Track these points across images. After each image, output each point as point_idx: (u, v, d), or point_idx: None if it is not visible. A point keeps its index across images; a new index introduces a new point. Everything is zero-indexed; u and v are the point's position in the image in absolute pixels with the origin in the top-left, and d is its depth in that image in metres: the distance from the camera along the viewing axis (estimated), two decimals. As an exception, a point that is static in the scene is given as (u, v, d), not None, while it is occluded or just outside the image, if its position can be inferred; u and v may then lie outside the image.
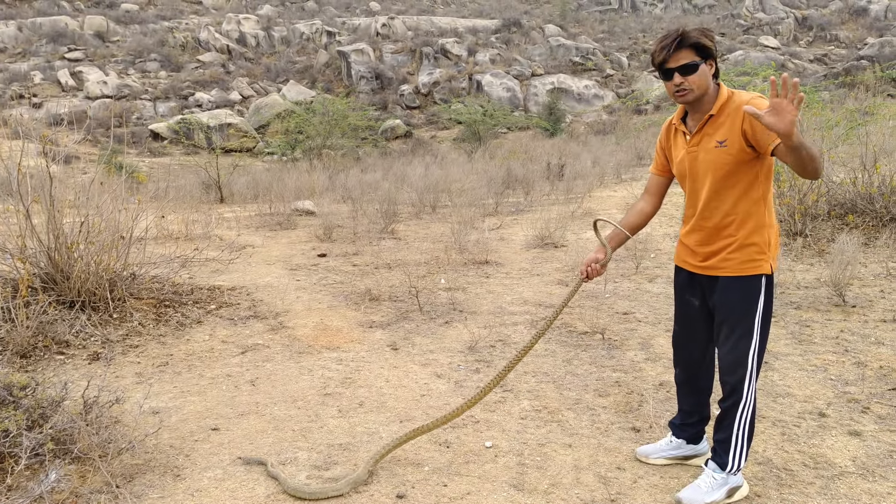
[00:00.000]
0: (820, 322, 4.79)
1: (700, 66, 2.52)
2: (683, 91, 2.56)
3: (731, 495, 2.75)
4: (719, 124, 2.57)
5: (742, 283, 2.63)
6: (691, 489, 2.75)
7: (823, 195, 7.06)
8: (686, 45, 2.51)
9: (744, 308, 2.64)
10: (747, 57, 31.09)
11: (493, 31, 37.85)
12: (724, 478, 2.73)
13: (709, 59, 2.55)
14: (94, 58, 33.07)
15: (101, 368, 4.04)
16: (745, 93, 2.58)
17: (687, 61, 2.52)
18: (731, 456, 2.72)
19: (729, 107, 2.55)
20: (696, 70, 2.52)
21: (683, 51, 2.51)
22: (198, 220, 8.47)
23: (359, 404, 3.75)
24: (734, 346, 2.67)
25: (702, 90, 2.56)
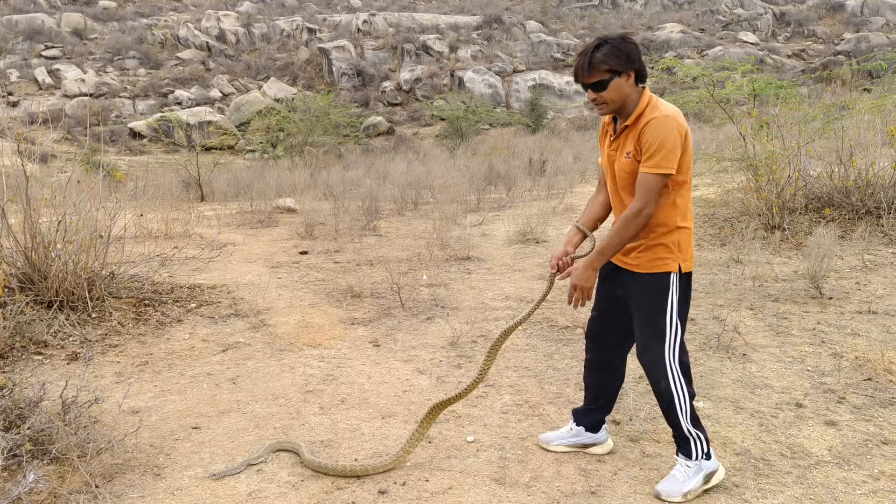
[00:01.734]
0: (797, 314, 4.85)
1: (612, 81, 2.58)
2: (599, 104, 2.65)
3: (709, 480, 2.79)
4: (630, 136, 2.65)
5: (651, 279, 2.70)
6: (668, 481, 2.79)
7: (801, 189, 7.14)
8: (597, 63, 2.57)
9: (653, 305, 2.71)
10: (726, 52, 31.33)
11: (474, 27, 37.85)
12: (696, 465, 2.77)
13: (624, 72, 2.59)
14: (71, 55, 32.67)
15: (80, 368, 4.01)
16: (662, 105, 2.61)
17: (598, 78, 2.58)
18: (693, 447, 2.77)
19: (642, 119, 2.61)
20: (607, 86, 2.58)
21: (596, 67, 2.58)
22: (178, 218, 8.40)
23: (340, 401, 3.74)
24: (647, 344, 2.75)
25: (617, 103, 2.63)
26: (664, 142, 2.52)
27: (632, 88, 2.62)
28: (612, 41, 2.58)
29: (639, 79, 2.63)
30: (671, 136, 2.52)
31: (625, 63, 2.57)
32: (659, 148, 2.52)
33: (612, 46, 2.57)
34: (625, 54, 2.57)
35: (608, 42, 2.58)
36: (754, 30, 37.35)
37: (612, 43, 2.58)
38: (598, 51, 2.57)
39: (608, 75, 2.57)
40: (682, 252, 2.70)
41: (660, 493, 2.75)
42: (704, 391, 3.71)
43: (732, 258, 6.34)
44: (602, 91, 2.60)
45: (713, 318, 4.83)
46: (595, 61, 2.56)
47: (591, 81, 2.59)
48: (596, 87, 2.60)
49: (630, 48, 2.58)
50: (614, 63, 2.56)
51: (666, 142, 2.52)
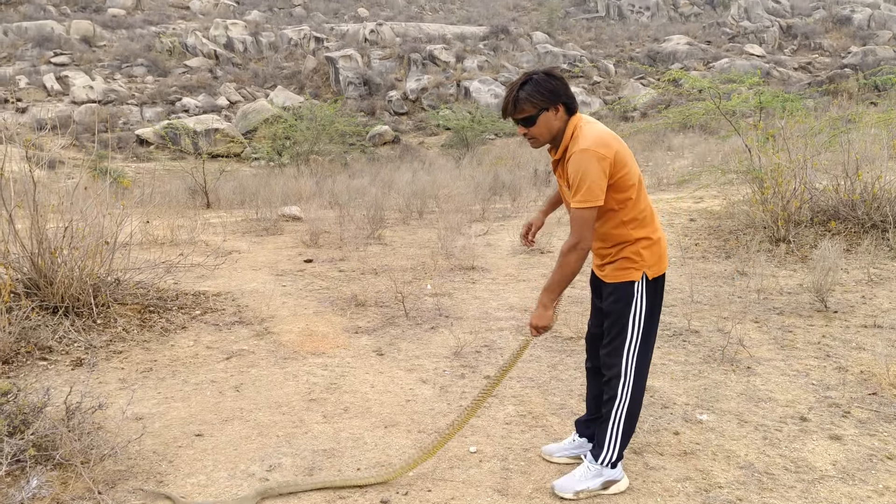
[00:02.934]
0: (802, 327, 4.83)
1: (539, 116, 2.65)
2: (529, 139, 2.75)
3: (608, 487, 2.87)
4: (566, 167, 2.71)
5: (617, 287, 2.80)
6: (567, 477, 2.90)
7: (806, 202, 7.13)
8: (523, 100, 2.65)
9: (618, 310, 2.80)
10: (732, 65, 31.33)
11: (481, 37, 37.94)
12: (598, 469, 2.86)
13: (551, 107, 2.65)
14: (80, 62, 32.85)
15: (84, 374, 4.02)
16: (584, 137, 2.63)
17: (525, 115, 2.67)
18: (605, 449, 2.86)
19: (570, 149, 2.67)
20: (535, 121, 2.67)
21: (522, 104, 2.65)
22: (183, 225, 8.44)
23: (344, 410, 3.74)
24: (609, 343, 2.85)
25: (546, 137, 2.72)
26: (584, 176, 2.58)
27: (561, 121, 2.70)
28: (536, 78, 2.65)
29: (568, 111, 2.70)
30: (590, 169, 2.57)
31: (550, 99, 2.64)
32: (580, 183, 2.59)
33: (536, 83, 2.64)
34: (548, 90, 2.64)
35: (533, 79, 2.65)
36: (761, 42, 37.36)
37: (536, 79, 2.65)
38: (524, 88, 2.65)
39: (535, 111, 2.65)
40: (646, 260, 2.77)
41: (554, 487, 2.87)
42: (709, 404, 3.70)
43: (737, 270, 6.33)
44: (531, 126, 2.68)
45: (718, 330, 4.82)
46: (521, 99, 2.65)
47: (519, 118, 2.68)
48: (524, 123, 2.69)
49: (554, 84, 2.66)
50: (539, 100, 2.64)
51: (586, 176, 2.57)
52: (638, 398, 2.84)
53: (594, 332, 3.06)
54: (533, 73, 2.68)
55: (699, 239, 7.69)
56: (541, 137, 2.71)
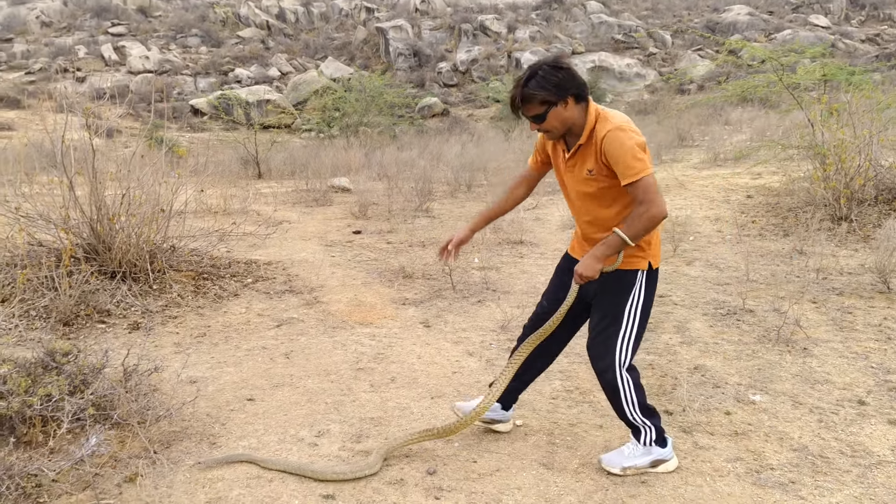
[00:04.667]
0: (862, 309, 4.67)
1: (549, 112, 2.56)
2: (545, 132, 2.67)
3: (656, 466, 2.83)
4: (588, 153, 2.63)
5: (619, 275, 2.71)
6: (614, 452, 2.87)
7: (871, 179, 6.86)
8: (529, 97, 2.55)
9: (616, 298, 2.73)
10: (796, 36, 30.17)
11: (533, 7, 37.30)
12: (645, 449, 2.82)
13: (560, 100, 2.55)
14: (136, 33, 33.48)
15: (141, 338, 4.13)
16: (610, 119, 2.56)
17: (534, 113, 2.58)
18: (642, 435, 2.81)
19: (595, 135, 2.58)
20: (545, 118, 2.58)
21: (529, 103, 2.57)
22: (236, 195, 8.57)
23: (391, 380, 3.77)
24: (600, 333, 2.76)
25: (560, 129, 2.62)
26: (629, 149, 2.49)
27: (573, 111, 2.59)
28: (541, 72, 2.54)
29: (579, 100, 2.59)
30: (629, 142, 2.49)
31: (557, 93, 2.54)
32: (628, 157, 2.49)
33: (541, 79, 2.54)
34: (554, 84, 2.54)
35: (538, 73, 2.55)
36: (826, 13, 35.86)
37: (541, 74, 2.54)
38: (528, 85, 2.55)
39: (543, 107, 2.56)
40: (652, 248, 2.72)
41: (602, 461, 2.85)
42: (762, 384, 3.61)
43: (796, 249, 6.14)
44: (542, 122, 2.60)
45: (773, 310, 4.69)
46: (526, 95, 2.56)
47: (528, 115, 2.60)
48: (534, 120, 2.61)
49: (560, 76, 2.54)
50: (545, 95, 2.54)
51: (630, 149, 2.49)
52: (637, 380, 2.77)
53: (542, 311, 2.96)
54: (538, 66, 2.57)
55: (756, 216, 7.48)
56: (555, 131, 2.63)
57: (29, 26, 34.10)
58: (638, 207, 2.50)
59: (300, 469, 2.79)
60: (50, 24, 34.51)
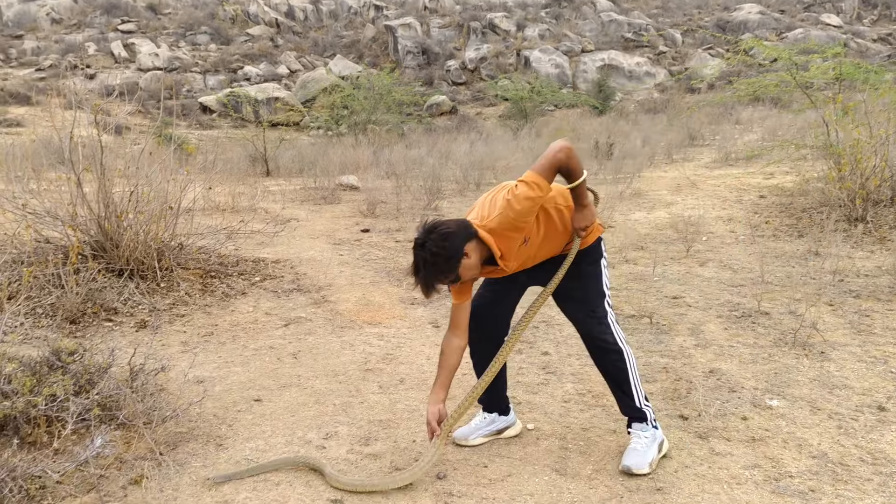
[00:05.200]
0: (880, 312, 4.58)
1: (455, 275, 2.56)
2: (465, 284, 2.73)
3: (661, 449, 2.86)
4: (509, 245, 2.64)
5: (588, 250, 2.84)
6: (631, 454, 2.81)
7: (887, 180, 6.75)
8: (434, 280, 2.56)
9: (594, 270, 2.86)
10: (807, 35, 29.95)
11: (542, 5, 37.15)
12: (652, 433, 2.84)
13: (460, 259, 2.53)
14: (146, 30, 33.53)
15: (148, 336, 4.09)
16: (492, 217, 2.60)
17: (447, 283, 2.61)
18: (644, 412, 2.85)
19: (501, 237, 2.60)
20: (458, 280, 2.61)
21: (436, 282, 2.57)
22: (244, 192, 8.54)
23: (399, 381, 3.72)
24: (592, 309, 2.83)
25: (478, 267, 2.64)
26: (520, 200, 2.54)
27: (475, 252, 2.59)
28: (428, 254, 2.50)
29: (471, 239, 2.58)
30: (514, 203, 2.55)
31: (453, 262, 2.53)
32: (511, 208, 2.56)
33: (431, 269, 2.52)
34: (446, 259, 2.51)
35: (426, 266, 2.52)
36: (838, 12, 35.59)
37: (430, 264, 2.51)
38: (425, 268, 2.52)
39: (451, 276, 2.56)
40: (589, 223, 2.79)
41: (630, 468, 2.76)
42: (779, 389, 3.54)
43: (811, 250, 6.05)
44: (457, 282, 2.64)
45: (789, 312, 4.61)
46: (429, 281, 2.55)
47: (442, 287, 2.63)
48: (453, 283, 2.64)
49: (445, 246, 2.50)
50: (445, 269, 2.53)
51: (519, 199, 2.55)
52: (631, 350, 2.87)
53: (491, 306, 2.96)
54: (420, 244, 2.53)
55: (770, 216, 7.39)
56: (472, 279, 2.70)
57: (39, 23, 34.22)
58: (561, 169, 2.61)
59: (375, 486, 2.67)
60: (60, 20, 34.61)
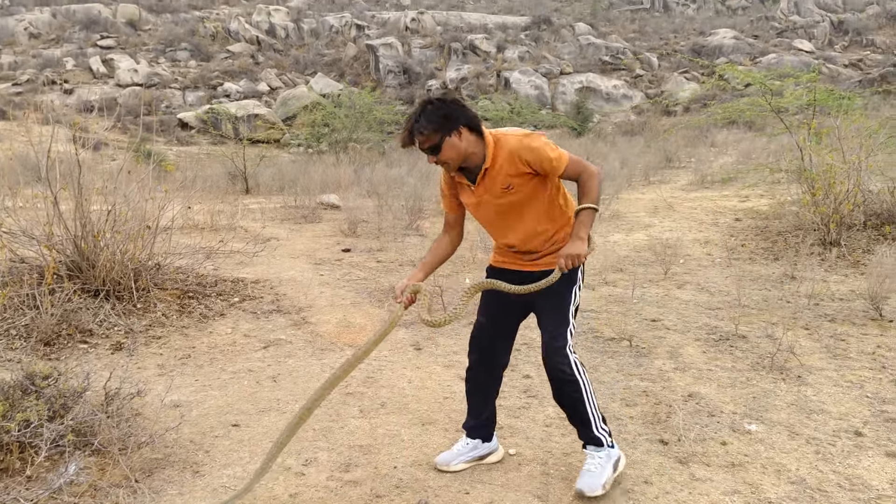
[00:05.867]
0: (855, 336, 4.65)
1: (443, 143, 2.63)
2: (442, 163, 2.73)
3: (616, 467, 2.87)
4: (496, 173, 2.71)
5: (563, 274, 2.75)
6: (585, 476, 2.81)
7: (860, 204, 6.88)
8: (422, 132, 2.62)
9: (562, 295, 2.81)
10: (781, 60, 30.57)
11: (522, 27, 37.59)
12: (606, 453, 2.85)
13: (451, 132, 2.63)
14: (125, 46, 33.37)
15: (124, 359, 4.03)
16: (511, 135, 2.72)
17: (429, 145, 2.65)
18: (599, 432, 2.84)
19: (499, 155, 2.69)
20: (440, 149, 2.65)
21: (422, 136, 2.63)
22: (223, 210, 8.48)
23: (380, 405, 3.69)
24: (553, 334, 2.79)
25: (459, 158, 2.69)
26: (542, 148, 2.66)
27: (467, 142, 2.67)
28: (430, 107, 2.64)
29: (473, 130, 2.68)
30: (537, 143, 2.67)
31: (448, 125, 2.62)
32: (546, 153, 2.66)
33: (430, 113, 2.63)
34: (442, 117, 2.63)
35: (427, 109, 2.64)
36: (810, 38, 36.39)
37: (430, 109, 2.64)
38: (419, 120, 2.63)
39: (437, 139, 2.63)
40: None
41: (583, 491, 2.77)
42: (757, 413, 3.56)
43: (786, 274, 6.13)
44: (438, 154, 2.67)
45: (766, 336, 4.66)
46: (418, 130, 2.63)
47: (423, 148, 2.67)
48: (430, 152, 2.67)
49: (448, 109, 2.65)
50: (436, 126, 2.61)
51: (543, 147, 2.67)
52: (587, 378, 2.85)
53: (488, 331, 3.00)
54: (427, 101, 2.68)
55: (746, 239, 7.49)
56: (452, 162, 2.69)
57: (17, 37, 33.94)
58: (581, 177, 2.71)
59: None
60: (38, 35, 34.35)
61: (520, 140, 2.68)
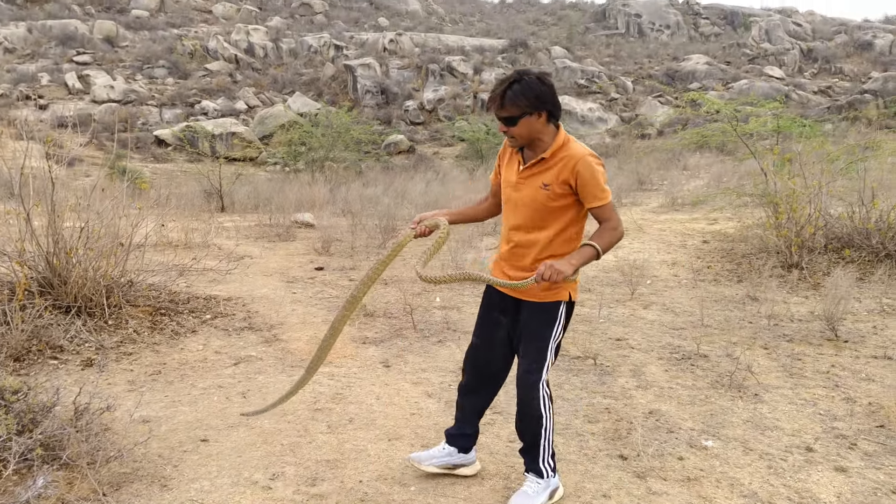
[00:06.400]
0: (812, 356, 4.81)
1: (521, 119, 2.66)
2: (509, 137, 2.75)
3: (553, 496, 2.94)
4: (548, 167, 2.74)
5: (543, 307, 2.82)
6: (520, 496, 2.90)
7: (821, 228, 7.10)
8: (510, 100, 2.63)
9: (543, 331, 2.83)
10: (752, 86, 31.26)
11: (499, 50, 38.05)
12: (546, 482, 2.92)
13: (535, 111, 2.66)
14: (102, 62, 33.21)
15: (94, 375, 4.05)
16: (580, 146, 2.74)
17: (507, 114, 2.66)
18: (545, 465, 2.91)
19: (561, 153, 2.72)
20: (516, 122, 2.67)
21: (508, 104, 2.64)
22: (197, 228, 8.50)
23: (348, 420, 3.76)
24: (528, 369, 2.85)
25: (525, 138, 2.72)
26: (600, 175, 2.69)
27: (543, 126, 2.71)
28: (527, 79, 2.64)
29: (552, 117, 2.72)
30: (599, 170, 2.70)
31: (535, 104, 2.65)
32: (598, 181, 2.69)
33: (525, 85, 2.63)
34: (535, 95, 2.64)
35: (524, 79, 2.64)
36: (781, 65, 37.25)
37: (527, 81, 2.64)
38: (512, 87, 2.63)
39: (518, 112, 2.64)
40: (574, 281, 2.80)
41: None
42: (714, 430, 3.68)
43: (749, 295, 6.30)
44: (512, 126, 2.68)
45: (727, 355, 4.80)
46: (507, 97, 2.63)
47: (502, 116, 2.68)
48: (507, 122, 2.68)
49: (543, 89, 2.65)
50: (524, 102, 2.63)
51: (601, 175, 2.70)
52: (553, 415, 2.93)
53: (482, 352, 3.05)
54: (524, 72, 2.67)
55: (712, 261, 7.67)
56: (520, 138, 2.72)
57: (-9, 52, 33.62)
58: (608, 223, 2.72)
59: None
60: (13, 50, 34.07)
61: (586, 154, 2.70)
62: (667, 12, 45.57)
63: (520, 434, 2.97)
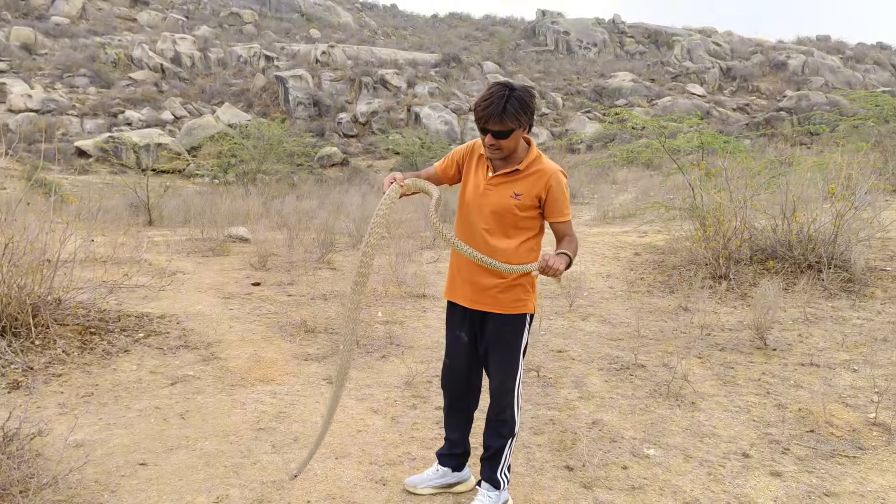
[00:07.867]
0: (743, 364, 4.99)
1: (513, 133, 2.69)
2: (496, 150, 2.76)
3: None
4: (521, 178, 2.80)
5: (509, 319, 2.87)
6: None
7: (746, 241, 7.39)
8: (511, 114, 2.64)
9: (510, 343, 2.89)
10: (675, 103, 32.42)
11: (432, 64, 38.32)
12: (497, 494, 2.99)
13: (527, 124, 2.71)
14: (19, 70, 31.82)
15: (22, 398, 3.86)
16: (550, 162, 2.84)
17: (501, 129, 2.66)
18: (502, 476, 2.99)
19: (535, 167, 2.80)
20: (508, 136, 2.69)
21: (508, 118, 2.64)
22: (126, 243, 8.21)
23: (293, 440, 3.69)
24: (503, 380, 2.91)
25: (511, 150, 2.78)
26: (567, 193, 2.82)
27: (521, 141, 2.80)
28: (520, 94, 2.65)
29: (528, 132, 2.81)
30: (566, 188, 2.83)
31: (529, 118, 2.69)
32: (566, 199, 2.82)
33: (522, 101, 2.64)
34: (531, 110, 2.69)
35: (517, 94, 2.64)
36: (702, 82, 38.77)
37: (521, 96, 2.64)
38: (510, 103, 2.62)
39: (516, 125, 2.67)
40: (534, 293, 2.92)
41: None
42: (655, 438, 3.78)
43: (681, 306, 6.50)
44: (503, 139, 2.70)
45: (663, 365, 4.94)
46: (508, 112, 2.62)
47: (497, 129, 2.66)
48: (499, 136, 2.68)
49: (528, 103, 2.68)
50: (523, 119, 2.67)
51: (567, 192, 2.83)
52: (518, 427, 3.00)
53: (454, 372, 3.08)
54: (510, 85, 2.65)
55: (644, 273, 7.89)
56: (506, 150, 2.75)
57: None
58: (570, 237, 2.81)
59: None
60: (-80, 55, 32.30)
61: (557, 171, 2.78)
62: (594, 30, 46.82)
63: (487, 441, 3.00)
